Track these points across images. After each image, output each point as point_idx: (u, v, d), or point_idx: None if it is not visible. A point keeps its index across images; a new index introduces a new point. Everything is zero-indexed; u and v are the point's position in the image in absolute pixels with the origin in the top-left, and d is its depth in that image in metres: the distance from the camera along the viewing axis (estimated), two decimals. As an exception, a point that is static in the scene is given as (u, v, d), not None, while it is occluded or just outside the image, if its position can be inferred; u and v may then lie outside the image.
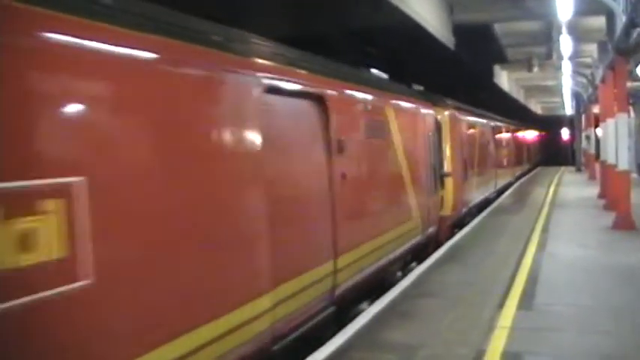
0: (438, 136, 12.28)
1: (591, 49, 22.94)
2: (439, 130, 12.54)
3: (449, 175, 12.97)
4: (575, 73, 26.20)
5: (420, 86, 12.98)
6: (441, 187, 12.39)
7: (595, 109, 24.84)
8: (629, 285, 7.95)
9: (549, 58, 23.72)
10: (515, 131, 30.83)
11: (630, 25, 11.17)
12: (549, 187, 24.86)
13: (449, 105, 13.72)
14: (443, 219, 12.35)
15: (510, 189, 24.22)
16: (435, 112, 12.12)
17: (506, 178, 24.75)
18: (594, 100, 24.22)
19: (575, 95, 34.16)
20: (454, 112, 13.93)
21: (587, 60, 24.73)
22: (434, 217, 11.38)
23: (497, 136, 22.49)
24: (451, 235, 12.62)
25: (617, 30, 12.43)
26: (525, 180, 29.96)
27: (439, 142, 12.44)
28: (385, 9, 11.07)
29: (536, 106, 55.48)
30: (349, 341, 6.03)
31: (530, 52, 24.08)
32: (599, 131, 21.31)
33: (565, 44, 18.35)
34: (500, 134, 24.00)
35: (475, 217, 15.53)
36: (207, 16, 5.05)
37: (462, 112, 15.24)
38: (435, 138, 11.91)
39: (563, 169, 37.92)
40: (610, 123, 14.85)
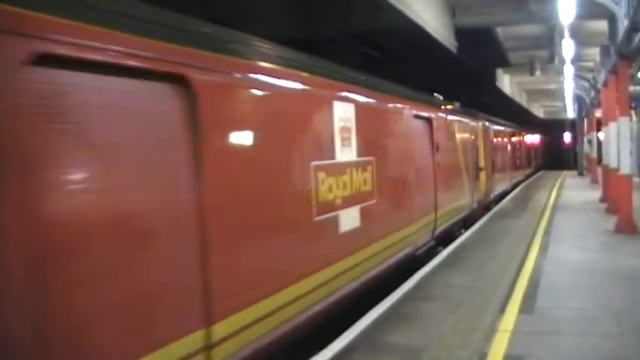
0: (475, 140, 16.20)
1: (594, 52, 22.90)
2: (476, 136, 16.50)
3: (482, 170, 16.97)
4: (578, 76, 26.16)
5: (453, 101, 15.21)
6: (477, 178, 16.19)
7: (597, 112, 24.80)
8: (630, 288, 7.94)
9: (551, 61, 23.67)
10: (523, 135, 33.66)
11: (632, 29, 11.16)
12: (551, 190, 24.84)
13: (480, 117, 17.68)
14: (478, 201, 16.12)
15: (521, 185, 28.23)
16: (474, 123, 16.22)
17: (519, 175, 29.75)
18: (596, 104, 24.19)
19: (578, 99, 34.11)
20: (485, 122, 18.39)
21: (590, 64, 24.70)
22: (475, 198, 15.46)
23: (512, 140, 27.04)
24: (482, 215, 16.30)
25: (620, 34, 12.42)
26: (527, 184, 29.93)
27: (476, 145, 16.32)
28: (387, 12, 11.08)
29: (539, 110, 55.44)
30: (351, 344, 6.03)
31: (533, 56, 24.04)
32: (601, 135, 21.28)
33: (567, 48, 18.32)
34: (513, 138, 27.89)
35: (497, 203, 19.69)
36: (210, 19, 5.05)
37: (489, 122, 19.53)
38: (474, 142, 15.92)
39: (565, 173, 37.88)
40: (612, 127, 14.83)
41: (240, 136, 4.94)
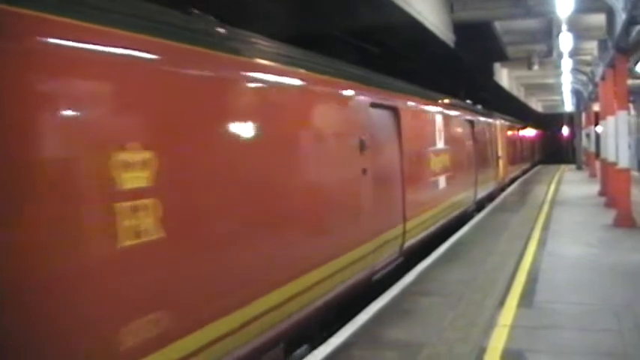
0: (495, 135, 20.79)
1: (591, 46, 22.93)
2: (496, 132, 21.03)
3: (500, 158, 21.51)
4: (576, 70, 26.16)
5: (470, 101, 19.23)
6: (497, 165, 20.83)
7: (595, 106, 24.81)
8: (629, 282, 7.97)
9: (549, 55, 23.66)
10: (525, 128, 36.46)
11: (630, 23, 11.17)
12: (550, 185, 24.88)
13: (497, 115, 22.12)
14: (502, 179, 21.82)
15: (524, 176, 31.43)
16: (494, 121, 20.84)
17: (529, 162, 36.60)
18: (594, 98, 24.21)
19: (576, 93, 34.13)
20: (501, 120, 23.18)
21: (588, 58, 24.70)
22: (496, 180, 20.48)
23: (519, 134, 31.76)
24: (499, 195, 20.65)
25: (617, 27, 12.43)
26: (525, 179, 29.96)
27: (496, 139, 20.92)
28: (385, 7, 11.06)
29: (537, 104, 55.44)
30: (350, 339, 6.05)
31: (531, 50, 24.04)
32: (599, 129, 21.31)
33: (565, 42, 18.32)
34: (519, 132, 32.15)
35: (509, 186, 24.41)
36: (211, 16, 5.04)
37: (503, 120, 24.12)
38: (495, 137, 20.63)
39: (563, 167, 37.92)
40: (610, 121, 14.85)
41: (419, 133, 10.75)
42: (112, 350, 3.52)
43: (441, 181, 11.81)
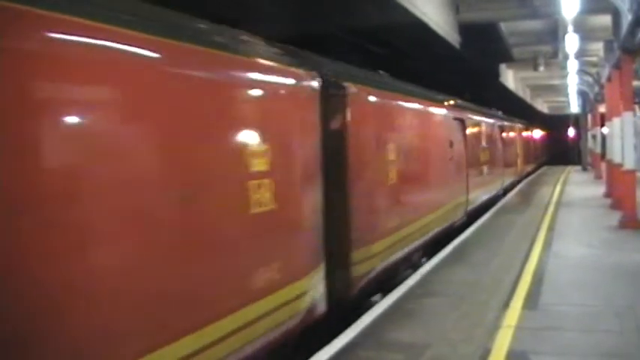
0: (516, 137, 25.53)
1: (597, 47, 22.85)
2: (517, 134, 25.66)
3: (519, 156, 25.84)
4: (581, 71, 26.12)
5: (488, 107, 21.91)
6: (516, 161, 24.83)
7: (601, 108, 24.74)
8: (634, 284, 7.94)
9: (555, 57, 23.66)
10: (531, 131, 37.74)
11: (636, 24, 11.12)
12: (555, 186, 24.81)
13: (516, 120, 26.53)
14: (520, 172, 26.41)
15: (531, 176, 32.64)
16: (515, 125, 25.54)
17: (538, 161, 39.67)
18: (600, 99, 24.13)
19: (582, 94, 34.03)
20: (519, 124, 27.39)
21: (593, 59, 24.65)
22: (516, 174, 24.84)
23: (533, 135, 35.94)
24: (517, 185, 24.58)
25: (623, 28, 12.39)
26: (530, 180, 29.91)
27: (516, 140, 25.36)
28: (390, 8, 11.06)
29: (543, 106, 55.31)
30: (355, 340, 6.05)
31: (536, 51, 24.02)
32: (605, 130, 21.25)
33: (571, 43, 18.31)
34: (531, 134, 35.15)
35: (524, 179, 28.26)
36: (211, 16, 5.06)
37: (520, 123, 27.99)
38: (514, 138, 24.72)
39: (569, 168, 37.80)
40: (616, 122, 14.81)
41: (475, 135, 15.40)
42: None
43: (485, 170, 16.75)
